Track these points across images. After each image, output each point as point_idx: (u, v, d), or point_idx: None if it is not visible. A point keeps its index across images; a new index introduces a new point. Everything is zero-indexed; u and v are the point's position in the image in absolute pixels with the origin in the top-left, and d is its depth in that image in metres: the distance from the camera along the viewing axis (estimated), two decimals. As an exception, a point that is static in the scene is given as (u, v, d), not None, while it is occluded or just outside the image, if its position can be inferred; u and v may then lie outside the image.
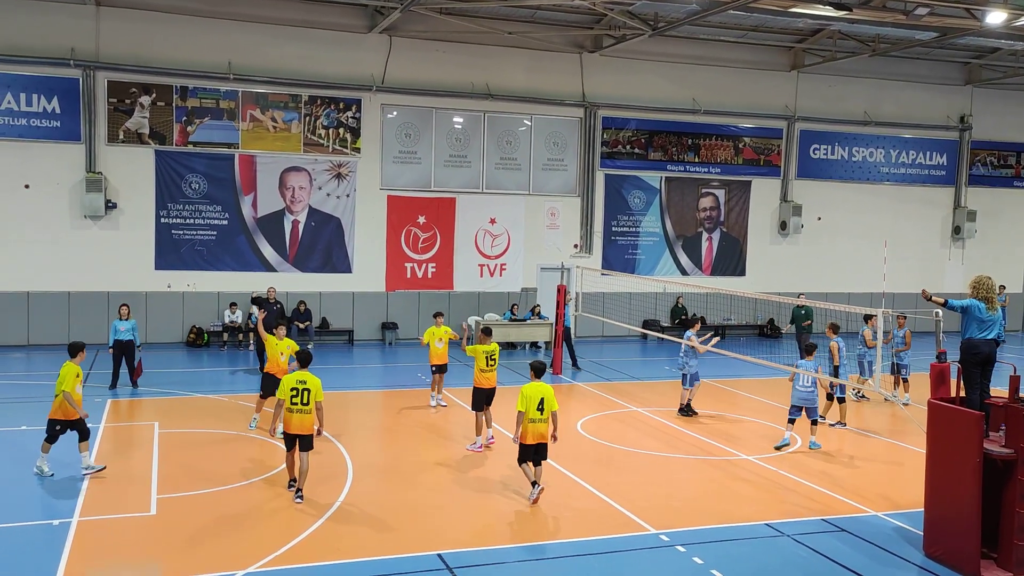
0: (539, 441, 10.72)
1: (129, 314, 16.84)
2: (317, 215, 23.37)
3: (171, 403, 15.86)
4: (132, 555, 8.91)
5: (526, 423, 10.63)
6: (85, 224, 21.62)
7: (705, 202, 27.08)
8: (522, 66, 24.56)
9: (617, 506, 10.68)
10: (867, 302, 24.25)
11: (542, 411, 10.63)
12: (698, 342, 15.71)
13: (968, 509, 8.83)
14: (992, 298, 9.75)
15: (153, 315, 22.02)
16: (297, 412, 10.56)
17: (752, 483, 11.87)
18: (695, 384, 15.93)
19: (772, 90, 27.08)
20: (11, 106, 20.93)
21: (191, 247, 22.46)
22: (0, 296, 21.20)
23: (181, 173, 22.22)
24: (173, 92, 21.98)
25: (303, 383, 10.61)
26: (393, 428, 14.59)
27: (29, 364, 19.70)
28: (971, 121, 29.33)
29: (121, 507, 10.16)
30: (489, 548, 9.33)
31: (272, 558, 8.76)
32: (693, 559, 9.12)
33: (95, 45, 21.31)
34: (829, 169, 28.27)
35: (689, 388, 15.86)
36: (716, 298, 26.18)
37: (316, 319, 23.26)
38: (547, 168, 25.37)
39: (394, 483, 11.50)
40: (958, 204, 29.70)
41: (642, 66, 25.63)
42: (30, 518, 9.73)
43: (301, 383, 10.61)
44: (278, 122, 22.87)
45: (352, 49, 23.10)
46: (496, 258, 25.10)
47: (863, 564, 9.12)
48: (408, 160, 24.05)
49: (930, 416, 9.55)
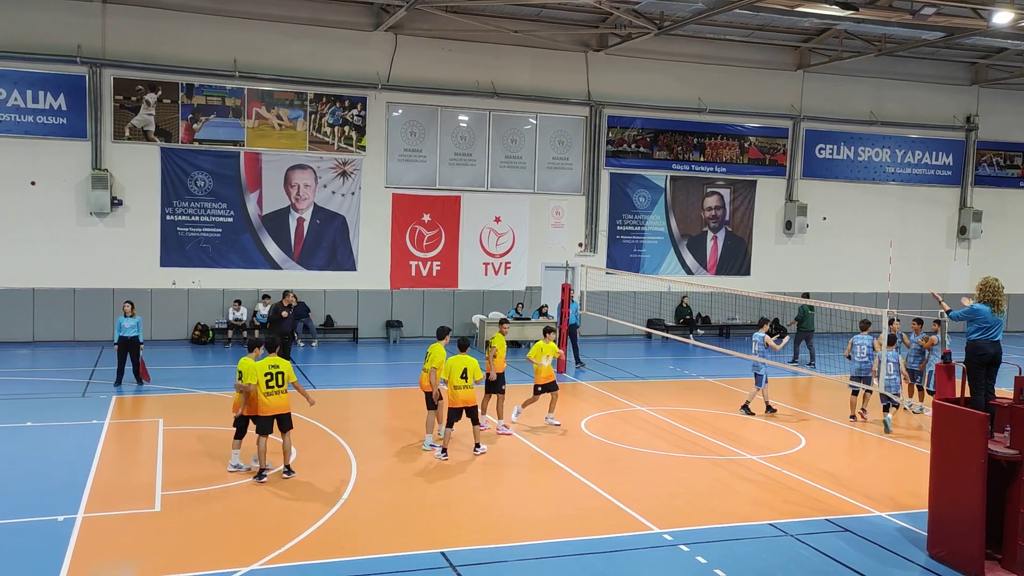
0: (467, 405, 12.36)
1: (133, 311, 16.88)
2: (322, 213, 23.39)
3: (176, 400, 15.90)
4: (136, 551, 8.92)
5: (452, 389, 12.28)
6: (91, 221, 21.67)
7: (710, 201, 27.05)
8: (527, 65, 24.55)
9: (621, 505, 10.68)
10: (872, 302, 24.23)
11: (466, 379, 12.23)
12: (772, 341, 15.91)
13: (972, 510, 8.81)
14: (999, 300, 9.74)
15: (158, 312, 22.07)
16: (274, 395, 11.19)
17: (756, 483, 11.85)
18: (765, 384, 15.99)
19: (778, 89, 27.04)
20: (18, 103, 20.99)
21: (196, 244, 22.50)
22: (5, 292, 21.27)
23: (187, 170, 22.27)
24: (179, 90, 22.02)
25: (275, 367, 11.21)
26: (397, 426, 14.59)
27: (34, 361, 19.76)
28: (977, 121, 29.26)
29: (126, 503, 10.18)
30: (493, 546, 9.33)
31: (276, 555, 8.78)
32: (697, 558, 9.11)
33: (102, 42, 21.36)
34: (835, 169, 28.22)
35: (761, 387, 15.89)
36: (721, 297, 26.16)
37: (320, 317, 23.30)
38: (552, 167, 25.37)
39: (398, 481, 11.50)
40: (964, 204, 29.63)
41: (647, 65, 25.61)
42: (35, 514, 9.76)
43: (274, 367, 11.20)
44: (283, 120, 22.90)
45: (358, 47, 23.12)
46: (501, 257, 25.10)
47: (867, 564, 9.11)
48: (413, 158, 24.06)
49: (935, 417, 9.53)
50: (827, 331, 24.33)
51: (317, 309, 23.17)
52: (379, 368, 20.85)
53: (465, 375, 12.23)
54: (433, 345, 12.87)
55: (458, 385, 12.25)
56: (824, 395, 17.77)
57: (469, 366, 12.28)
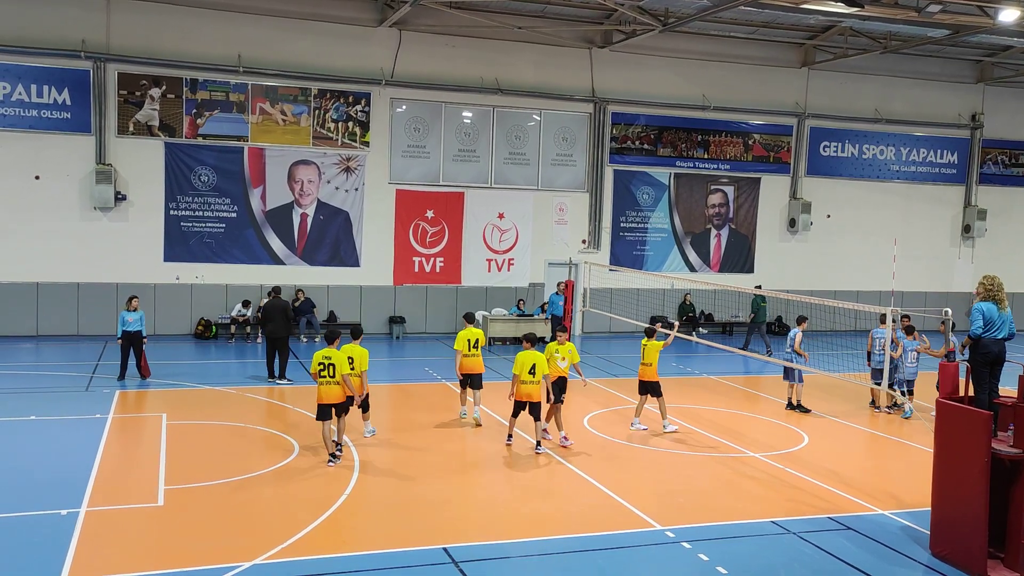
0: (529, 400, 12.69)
1: (137, 306, 16.89)
2: (325, 208, 23.40)
3: (179, 395, 15.92)
4: (139, 546, 8.94)
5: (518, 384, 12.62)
6: (95, 216, 21.70)
7: (714, 199, 27.01)
8: (531, 61, 24.53)
9: (623, 502, 10.67)
10: (876, 300, 24.19)
11: (533, 374, 12.56)
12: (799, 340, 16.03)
13: (975, 509, 8.80)
14: (1002, 298, 9.71)
15: (161, 307, 22.09)
16: (325, 384, 11.81)
17: (758, 480, 11.85)
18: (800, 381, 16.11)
19: (782, 87, 26.99)
20: (22, 97, 21.01)
21: (200, 239, 22.51)
22: (10, 287, 21.31)
23: (190, 165, 22.28)
24: (183, 85, 22.02)
25: (328, 358, 11.82)
26: (400, 422, 14.59)
27: (38, 355, 19.80)
28: (983, 119, 29.18)
29: (129, 498, 10.20)
30: (495, 542, 9.34)
31: (279, 550, 8.79)
32: (699, 556, 9.11)
33: (106, 37, 21.37)
34: (839, 166, 28.17)
35: (797, 384, 15.99)
36: (724, 295, 26.13)
37: (324, 312, 23.31)
38: (556, 163, 25.34)
39: (400, 477, 11.51)
40: (968, 203, 29.56)
41: (652, 62, 25.57)
42: (38, 508, 9.77)
43: (327, 358, 11.82)
44: (287, 115, 22.90)
45: (362, 43, 23.11)
46: (504, 253, 25.09)
47: (869, 562, 9.10)
48: (417, 154, 24.05)
49: (938, 415, 9.52)
50: (831, 329, 24.30)
51: (320, 305, 23.17)
52: (382, 364, 20.80)
53: (533, 371, 12.59)
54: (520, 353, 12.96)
55: (525, 380, 12.61)
56: (826, 393, 17.73)
57: (537, 362, 12.64)
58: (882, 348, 15.56)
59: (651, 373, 14.18)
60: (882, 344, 15.63)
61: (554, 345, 13.62)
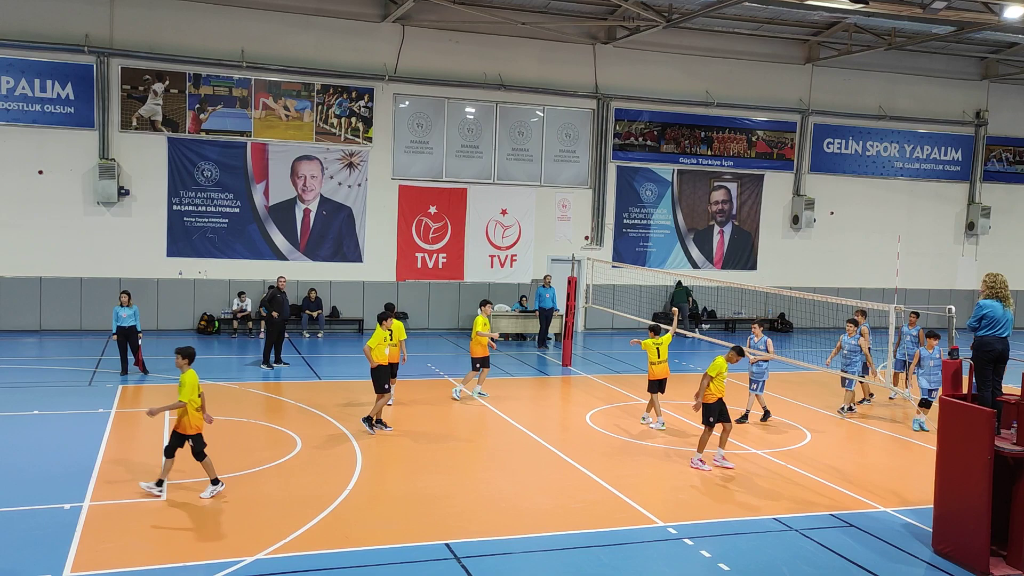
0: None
1: (130, 301, 16.88)
2: (328, 204, 23.40)
3: (182, 390, 15.89)
4: (142, 540, 8.95)
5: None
6: (98, 210, 21.71)
7: (717, 195, 26.98)
8: (535, 57, 24.49)
9: (625, 498, 10.68)
10: (879, 297, 24.20)
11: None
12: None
13: (978, 506, 8.79)
14: (1007, 296, 9.69)
15: (164, 302, 22.12)
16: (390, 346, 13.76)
17: (761, 477, 11.84)
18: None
19: (786, 83, 26.94)
20: (25, 92, 21.02)
21: (202, 235, 22.53)
22: (13, 281, 21.34)
23: (193, 161, 22.28)
24: (186, 80, 22.02)
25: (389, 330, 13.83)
26: (402, 417, 14.60)
27: (41, 349, 19.83)
28: (987, 116, 29.12)
29: (132, 492, 10.22)
30: (497, 538, 9.35)
31: (281, 545, 8.80)
32: (701, 552, 9.11)
33: (109, 32, 21.36)
34: (843, 163, 28.12)
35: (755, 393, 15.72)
36: (727, 292, 26.11)
37: (327, 308, 23.32)
38: (559, 159, 25.32)
39: (403, 472, 11.53)
40: (972, 200, 29.51)
41: (655, 58, 25.53)
42: (42, 502, 9.80)
43: (389, 330, 13.79)
44: (290, 111, 22.89)
45: (365, 38, 23.09)
46: (507, 249, 25.09)
47: (871, 560, 9.10)
48: (420, 150, 24.04)
49: (941, 412, 9.52)
50: (835, 327, 24.26)
51: (323, 300, 23.17)
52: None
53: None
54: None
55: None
56: (827, 392, 17.71)
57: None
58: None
59: (665, 370, 14.43)
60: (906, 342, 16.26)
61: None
